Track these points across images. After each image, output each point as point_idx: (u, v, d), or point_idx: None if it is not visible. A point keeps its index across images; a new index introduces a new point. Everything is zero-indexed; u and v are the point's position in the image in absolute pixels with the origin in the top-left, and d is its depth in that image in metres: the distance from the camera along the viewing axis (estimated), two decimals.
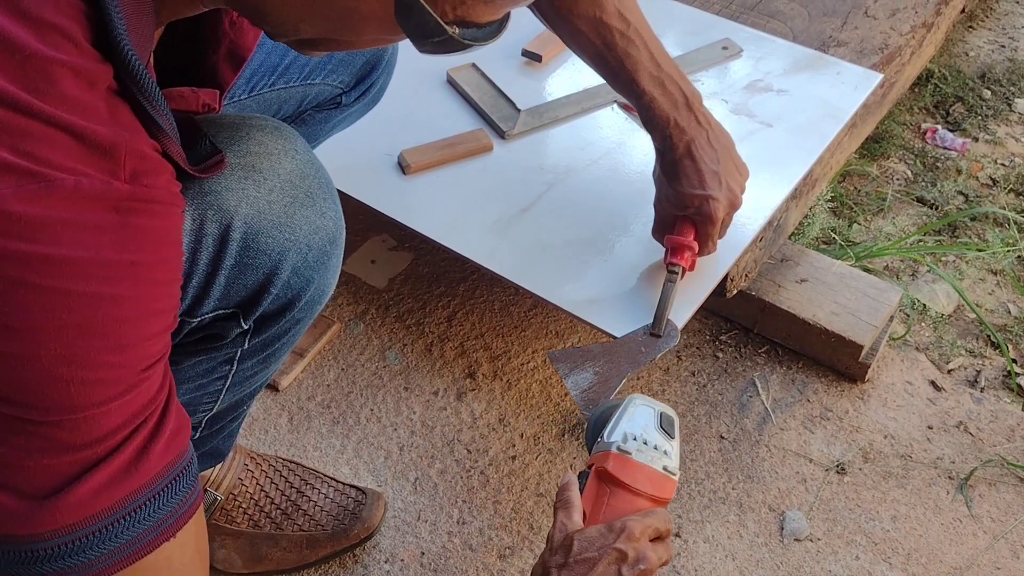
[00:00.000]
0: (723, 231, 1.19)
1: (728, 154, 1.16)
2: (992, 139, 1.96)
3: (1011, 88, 2.08)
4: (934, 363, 1.50)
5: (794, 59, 1.58)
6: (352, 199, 1.33)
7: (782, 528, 1.27)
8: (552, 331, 1.51)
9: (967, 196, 1.83)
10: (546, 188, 1.37)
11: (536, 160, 1.42)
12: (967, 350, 1.54)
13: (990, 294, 1.65)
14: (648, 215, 1.24)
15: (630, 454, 0.94)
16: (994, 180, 1.87)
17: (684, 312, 1.20)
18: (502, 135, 1.44)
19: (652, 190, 1.23)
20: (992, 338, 1.54)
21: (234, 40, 0.82)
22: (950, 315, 1.61)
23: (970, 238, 1.75)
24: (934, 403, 1.42)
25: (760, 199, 1.31)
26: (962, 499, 1.31)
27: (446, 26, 0.64)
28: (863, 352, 1.39)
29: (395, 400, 1.42)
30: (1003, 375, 1.50)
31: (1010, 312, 1.62)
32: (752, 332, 1.49)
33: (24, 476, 0.61)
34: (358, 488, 1.25)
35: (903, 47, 1.68)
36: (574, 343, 1.50)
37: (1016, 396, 1.46)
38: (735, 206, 1.17)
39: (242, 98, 1.12)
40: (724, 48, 1.59)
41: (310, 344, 1.47)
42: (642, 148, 1.43)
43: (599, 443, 0.98)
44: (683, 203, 1.15)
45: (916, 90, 2.06)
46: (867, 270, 1.61)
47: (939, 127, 1.98)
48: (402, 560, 1.24)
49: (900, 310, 1.57)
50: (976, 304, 1.62)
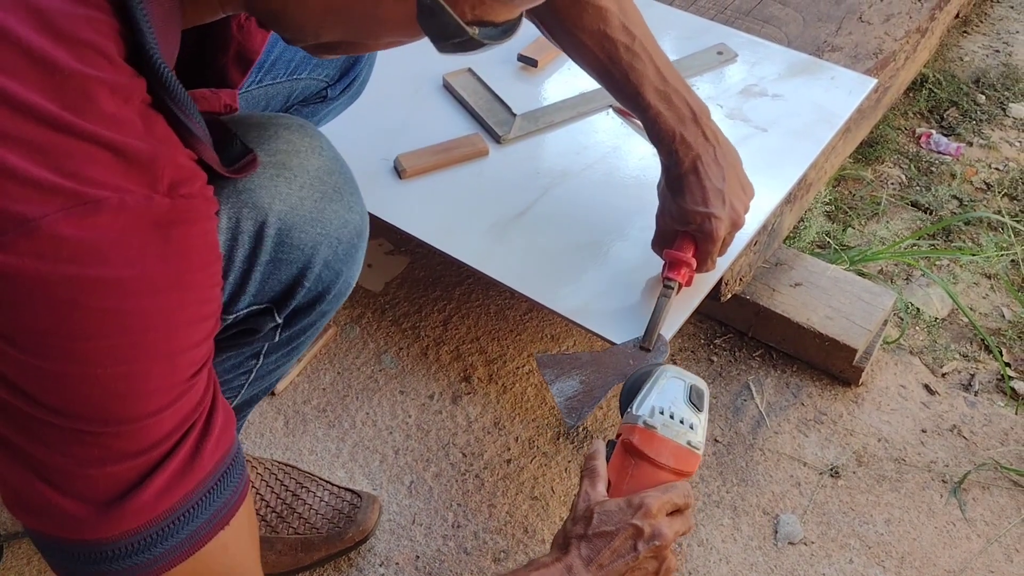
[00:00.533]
0: (724, 250, 1.18)
1: (734, 172, 1.15)
2: (986, 144, 1.97)
3: (1005, 93, 2.09)
4: (928, 367, 1.50)
5: (789, 64, 1.59)
6: None
7: (776, 532, 1.28)
8: (548, 335, 1.52)
9: (961, 200, 1.84)
10: (542, 192, 1.38)
11: (532, 164, 1.42)
12: (961, 354, 1.55)
13: (984, 298, 1.66)
14: (644, 219, 1.24)
15: (656, 429, 0.98)
16: (988, 184, 1.88)
17: (676, 318, 1.21)
18: (498, 140, 1.44)
19: (648, 195, 1.23)
20: (986, 342, 1.55)
21: (242, 42, 0.83)
22: (944, 319, 1.61)
23: (964, 242, 1.76)
24: (928, 407, 1.42)
25: (755, 204, 1.31)
26: (956, 503, 1.31)
27: (466, 27, 0.65)
28: (857, 356, 1.40)
29: (390, 404, 1.42)
30: (997, 379, 1.50)
31: (1004, 316, 1.62)
32: (747, 336, 1.50)
33: (86, 483, 0.63)
34: (353, 491, 1.25)
35: (897, 52, 1.69)
36: (569, 347, 1.50)
37: (1010, 400, 1.47)
38: (737, 225, 1.16)
39: None
40: (719, 53, 1.59)
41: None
42: (638, 153, 1.44)
43: (628, 414, 1.01)
44: (685, 219, 1.14)
45: (911, 95, 2.07)
46: (862, 274, 1.62)
47: (934, 132, 1.98)
48: (397, 564, 1.25)
49: (894, 314, 1.57)
50: (970, 308, 1.63)
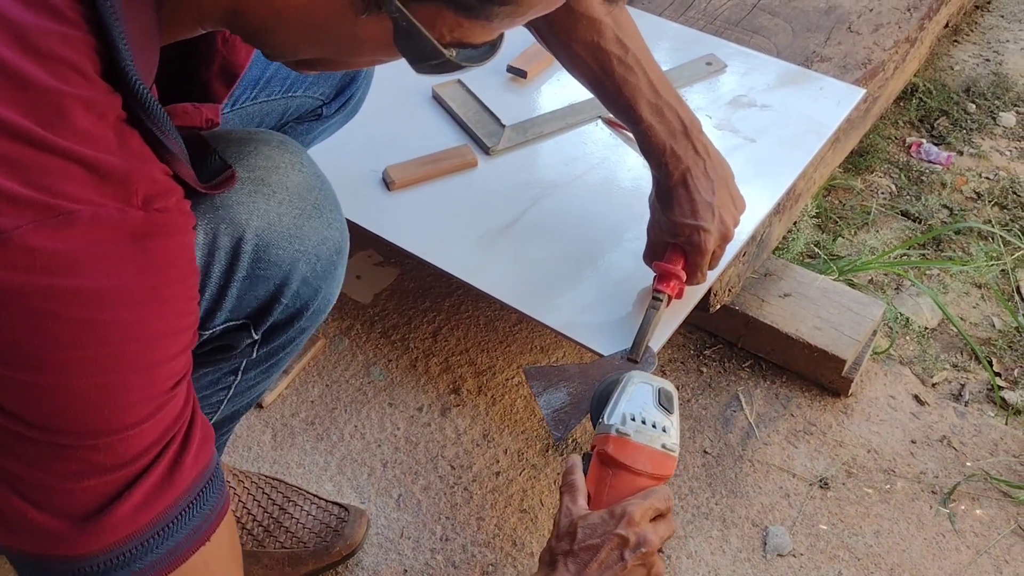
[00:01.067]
0: (714, 263, 1.18)
1: (725, 185, 1.15)
2: (977, 153, 1.97)
3: (995, 102, 2.09)
4: (918, 377, 1.50)
5: (778, 74, 1.59)
6: None
7: (765, 543, 1.27)
8: (537, 346, 1.52)
9: (951, 210, 1.84)
10: (531, 204, 1.38)
11: (521, 176, 1.42)
12: (951, 364, 1.55)
13: (974, 307, 1.66)
14: (634, 230, 1.24)
15: (629, 436, 0.97)
16: (978, 194, 1.88)
17: (664, 330, 1.20)
18: (487, 151, 1.44)
19: (638, 205, 1.23)
20: (975, 352, 1.55)
21: (227, 57, 0.83)
22: (934, 329, 1.61)
23: (955, 252, 1.76)
24: (917, 417, 1.42)
25: (743, 214, 1.32)
26: (945, 514, 1.31)
27: (443, 49, 0.65)
28: (846, 366, 1.39)
29: (379, 416, 1.42)
30: (987, 389, 1.50)
31: (994, 326, 1.62)
32: (736, 347, 1.50)
33: (64, 498, 0.63)
34: (341, 505, 1.24)
35: (886, 62, 1.69)
36: (559, 358, 1.50)
37: (1000, 410, 1.47)
38: (727, 239, 1.16)
39: (224, 112, 1.12)
40: (708, 64, 1.59)
41: (295, 360, 1.47)
42: (627, 164, 1.43)
43: (600, 424, 1.01)
44: (675, 231, 1.14)
45: (901, 104, 2.07)
46: (851, 284, 1.62)
47: (924, 141, 1.99)
48: None
49: (884, 324, 1.57)
50: (960, 318, 1.63)
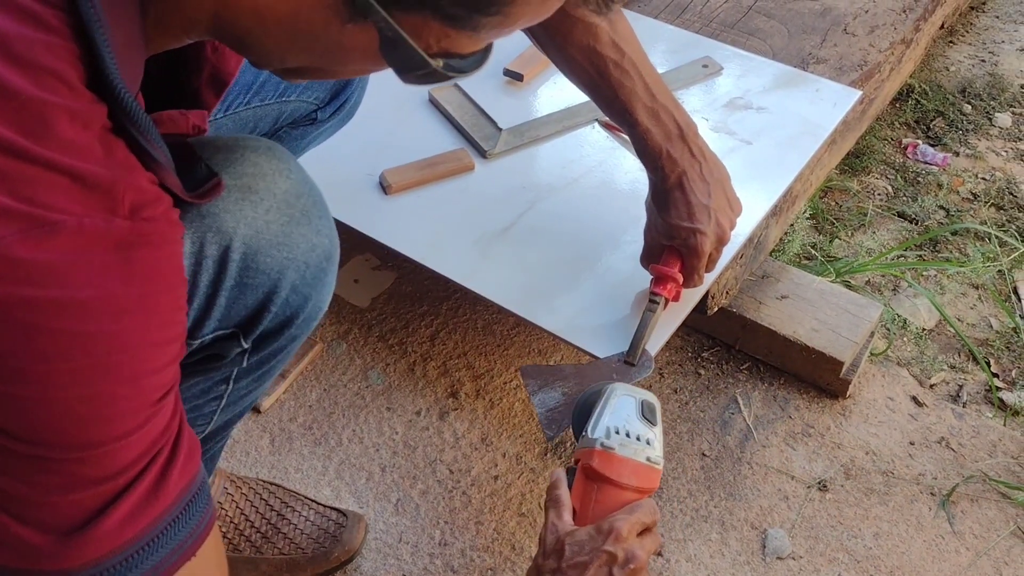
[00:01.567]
0: (711, 265, 1.18)
1: (721, 188, 1.15)
2: (973, 154, 1.97)
3: (991, 103, 2.09)
4: (916, 378, 1.50)
5: (774, 76, 1.59)
6: (334, 219, 1.33)
7: (764, 546, 1.27)
8: (535, 349, 1.51)
9: (948, 211, 1.84)
10: (527, 207, 1.38)
11: (517, 179, 1.42)
12: (949, 365, 1.55)
13: (972, 308, 1.66)
14: (631, 233, 1.24)
15: (614, 449, 0.96)
16: (975, 195, 1.88)
17: (662, 333, 1.20)
18: (483, 154, 1.44)
19: (634, 208, 1.23)
20: (973, 353, 1.55)
21: (216, 65, 0.83)
22: (931, 330, 1.61)
23: (951, 253, 1.76)
24: (916, 419, 1.42)
25: (740, 216, 1.32)
26: (944, 515, 1.31)
27: (430, 59, 0.64)
28: (844, 368, 1.39)
29: (377, 420, 1.41)
30: (985, 390, 1.50)
31: (991, 326, 1.62)
32: (734, 349, 1.50)
33: (49, 512, 0.62)
34: (339, 510, 1.24)
35: (882, 63, 1.69)
36: (557, 361, 1.50)
37: (998, 411, 1.47)
38: (723, 241, 1.16)
39: (218, 117, 1.12)
40: (704, 66, 1.59)
41: (292, 365, 1.47)
42: (623, 167, 1.43)
43: (584, 438, 1.00)
44: (671, 234, 1.15)
45: (897, 105, 2.08)
46: (848, 286, 1.62)
47: (920, 142, 1.99)
48: None
49: (881, 325, 1.57)
50: (958, 319, 1.63)
